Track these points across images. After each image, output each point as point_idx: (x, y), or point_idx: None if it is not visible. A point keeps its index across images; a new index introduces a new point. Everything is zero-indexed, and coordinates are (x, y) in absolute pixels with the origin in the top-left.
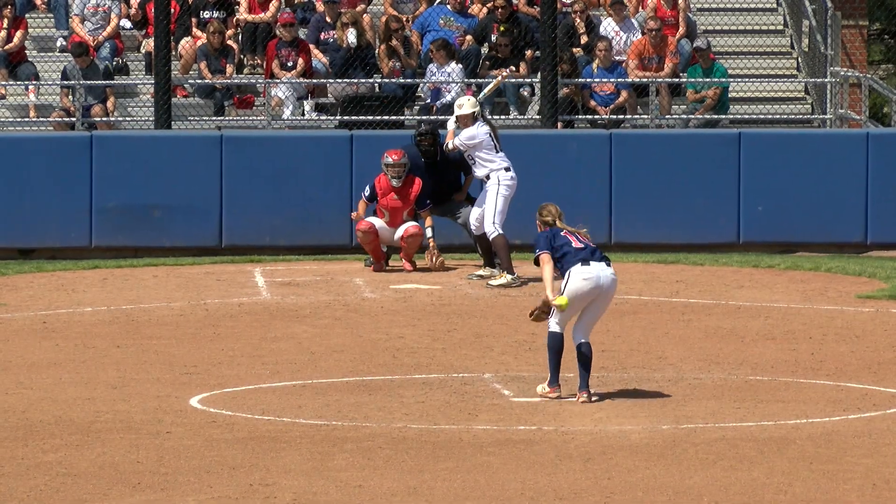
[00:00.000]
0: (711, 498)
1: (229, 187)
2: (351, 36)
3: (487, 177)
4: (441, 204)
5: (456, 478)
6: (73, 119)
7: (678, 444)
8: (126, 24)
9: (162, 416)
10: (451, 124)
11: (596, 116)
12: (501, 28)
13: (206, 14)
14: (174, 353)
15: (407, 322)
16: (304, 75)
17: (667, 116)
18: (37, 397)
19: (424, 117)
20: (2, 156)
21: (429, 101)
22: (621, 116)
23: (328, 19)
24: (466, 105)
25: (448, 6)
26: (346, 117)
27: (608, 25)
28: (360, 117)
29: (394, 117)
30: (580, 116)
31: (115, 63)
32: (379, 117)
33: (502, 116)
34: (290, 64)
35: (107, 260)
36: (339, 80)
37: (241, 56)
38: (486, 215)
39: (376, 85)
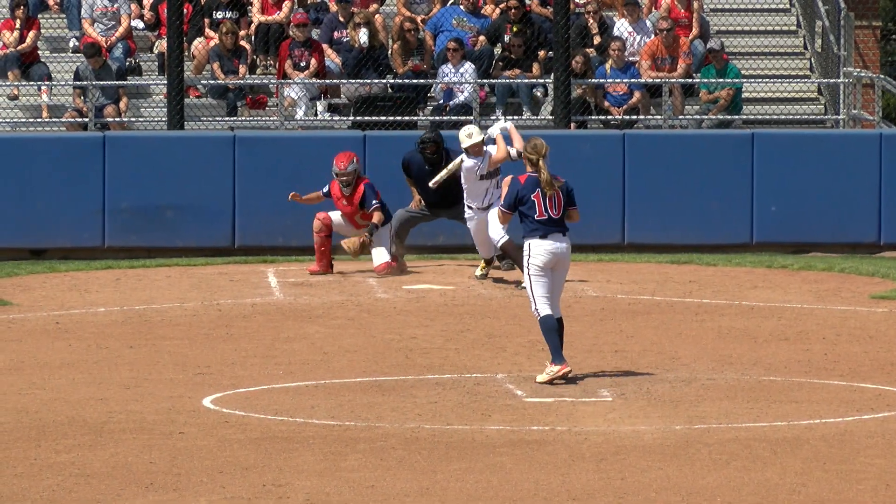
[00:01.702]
0: (724, 498)
1: (242, 188)
2: (363, 36)
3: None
4: (449, 208)
5: (469, 478)
6: (86, 119)
7: (691, 445)
8: (139, 24)
9: (175, 417)
10: (494, 131)
11: (609, 117)
12: (514, 28)
13: (218, 14)
14: (187, 353)
15: (420, 322)
16: (318, 76)
17: (680, 117)
18: (49, 398)
19: (437, 118)
20: (15, 156)
21: (441, 101)
22: (634, 117)
23: (341, 19)
24: (475, 134)
25: (461, 6)
26: (358, 118)
27: (621, 26)
28: (373, 118)
29: (407, 118)
30: (593, 117)
31: (127, 64)
32: (392, 118)
33: (515, 117)
34: (302, 64)
35: (119, 260)
36: (352, 81)
37: (254, 56)
38: (496, 227)
39: (388, 85)
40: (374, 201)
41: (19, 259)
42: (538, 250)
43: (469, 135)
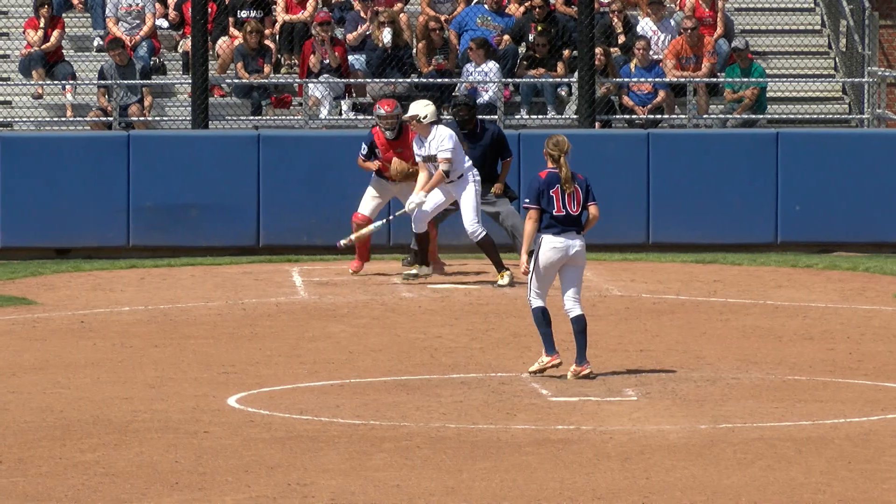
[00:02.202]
0: (749, 498)
1: (266, 187)
2: (386, 36)
3: (460, 176)
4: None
5: (494, 477)
6: (111, 119)
7: (716, 444)
8: (163, 23)
9: (200, 416)
10: (417, 199)
11: (633, 116)
12: (539, 27)
13: (243, 14)
14: (212, 352)
15: (445, 321)
16: (341, 74)
17: (704, 116)
18: (74, 397)
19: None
20: (39, 155)
21: None
22: (659, 116)
23: (363, 16)
24: (410, 109)
25: (485, 5)
26: None
27: (646, 25)
28: None
29: None
30: (618, 116)
31: (152, 63)
32: None
33: (540, 116)
34: (326, 62)
35: (144, 259)
36: (376, 80)
37: (279, 55)
38: (470, 216)
39: (413, 84)
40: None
41: (44, 258)
42: (548, 246)
43: (423, 115)
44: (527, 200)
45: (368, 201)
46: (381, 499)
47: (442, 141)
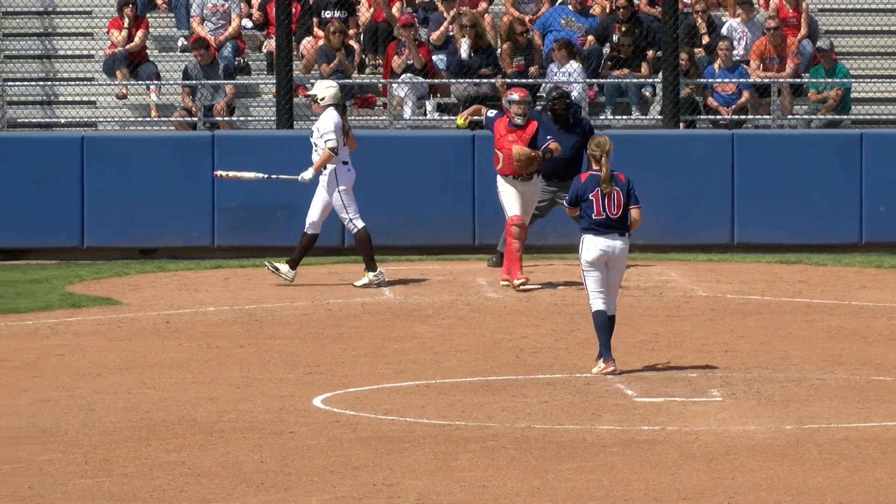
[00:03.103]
0: (834, 498)
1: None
2: (464, 47)
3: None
4: (563, 180)
5: (579, 478)
6: (195, 119)
7: (801, 445)
8: (247, 23)
9: (285, 416)
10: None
11: (718, 117)
12: (623, 28)
13: (327, 14)
14: (297, 352)
15: (530, 322)
16: (426, 74)
17: (789, 117)
18: (160, 397)
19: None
20: (123, 155)
21: None
22: (743, 117)
23: (445, 15)
24: (325, 95)
25: (569, 6)
26: None
27: (730, 25)
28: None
29: None
30: (702, 117)
31: (236, 63)
32: None
33: (624, 116)
34: (410, 62)
35: (229, 259)
36: (459, 80)
37: (363, 56)
38: (313, 210)
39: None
40: (548, 136)
41: (129, 259)
42: (589, 245)
43: (322, 97)
44: (566, 201)
45: (513, 201)
46: (466, 499)
47: (326, 126)
